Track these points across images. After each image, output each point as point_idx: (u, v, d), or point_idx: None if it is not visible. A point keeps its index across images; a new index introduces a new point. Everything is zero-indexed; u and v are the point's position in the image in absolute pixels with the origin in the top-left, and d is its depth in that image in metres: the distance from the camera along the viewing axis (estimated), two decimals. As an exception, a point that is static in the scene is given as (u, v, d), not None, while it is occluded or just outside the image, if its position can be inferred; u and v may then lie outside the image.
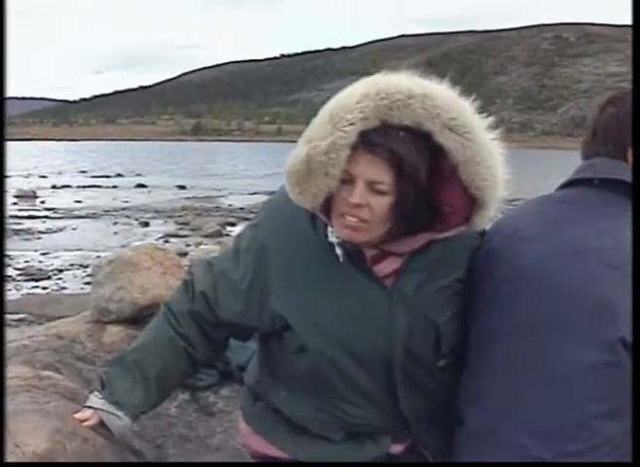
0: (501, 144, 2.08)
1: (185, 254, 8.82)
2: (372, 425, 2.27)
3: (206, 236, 16.50)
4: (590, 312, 1.99)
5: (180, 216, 20.93)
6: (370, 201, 1.99)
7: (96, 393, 2.37)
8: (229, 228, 18.52)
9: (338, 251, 2.12)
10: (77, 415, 2.36)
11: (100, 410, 2.33)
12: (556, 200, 2.25)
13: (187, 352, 2.33)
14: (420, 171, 1.98)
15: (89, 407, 2.36)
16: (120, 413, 2.31)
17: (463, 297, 2.24)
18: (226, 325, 2.33)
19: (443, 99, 1.97)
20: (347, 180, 1.99)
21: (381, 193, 1.99)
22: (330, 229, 2.11)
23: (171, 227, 18.98)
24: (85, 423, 2.33)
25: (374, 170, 1.97)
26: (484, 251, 2.26)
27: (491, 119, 2.06)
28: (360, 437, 2.29)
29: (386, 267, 2.16)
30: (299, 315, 2.19)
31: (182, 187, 32.46)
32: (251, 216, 20.32)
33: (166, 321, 2.35)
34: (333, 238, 2.12)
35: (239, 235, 2.37)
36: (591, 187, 2.16)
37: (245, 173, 41.51)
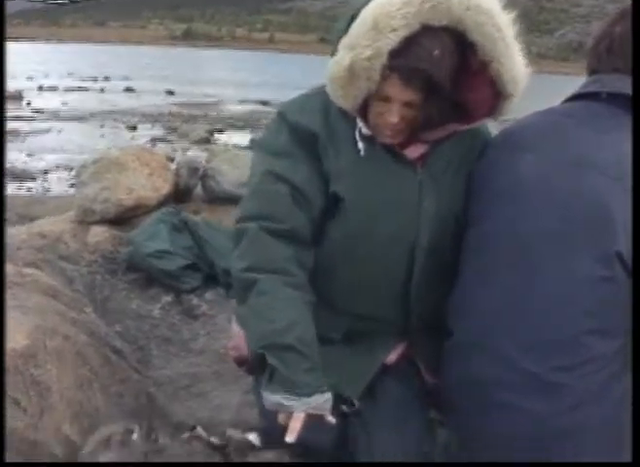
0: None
1: (172, 159, 8.71)
2: (375, 319, 2.29)
3: (194, 142, 16.33)
4: (590, 224, 1.95)
5: (168, 121, 20.70)
6: (405, 115, 2.09)
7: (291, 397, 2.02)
8: (216, 135, 18.31)
9: (360, 145, 2.18)
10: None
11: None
12: (561, 113, 2.20)
13: (309, 303, 2.15)
14: (448, 81, 2.06)
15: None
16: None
17: None
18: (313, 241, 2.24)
19: None
20: (383, 97, 2.08)
21: (415, 106, 2.09)
22: (359, 122, 2.16)
23: (159, 132, 18.77)
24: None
25: (409, 93, 2.05)
26: (485, 160, 2.23)
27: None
28: (357, 341, 2.31)
29: (413, 151, 2.21)
30: (344, 184, 2.18)
31: (171, 92, 32.03)
32: (239, 124, 20.20)
33: (281, 284, 2.10)
34: (362, 131, 2.17)
35: (267, 145, 2.28)
36: (598, 101, 2.10)
37: (235, 81, 40.94)
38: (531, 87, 2.14)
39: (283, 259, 2.11)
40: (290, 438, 1.93)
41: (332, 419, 2.02)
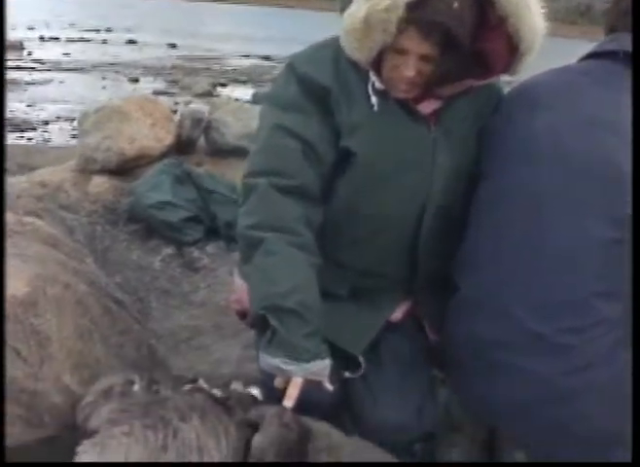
0: None
1: (175, 111, 8.64)
2: (381, 276, 2.28)
3: (196, 96, 16.18)
4: (603, 186, 1.94)
5: (170, 74, 20.50)
6: (420, 68, 2.05)
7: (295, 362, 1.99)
8: (219, 88, 18.15)
9: (374, 100, 2.12)
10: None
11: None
12: (577, 71, 2.18)
13: (315, 264, 2.10)
14: (467, 36, 2.01)
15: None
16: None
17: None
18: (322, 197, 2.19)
19: None
20: (399, 50, 2.03)
21: (432, 60, 2.04)
22: (372, 76, 2.11)
23: (160, 85, 18.60)
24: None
25: (426, 46, 2.01)
26: (500, 115, 2.20)
27: None
28: (363, 297, 2.30)
29: (426, 107, 2.18)
30: (356, 138, 2.14)
31: (173, 45, 31.74)
32: (242, 78, 20.03)
33: (287, 244, 2.04)
34: (376, 85, 2.12)
35: (275, 98, 2.23)
36: (614, 60, 2.08)
37: (239, 36, 40.58)
38: (541, 49, 2.12)
39: (292, 218, 2.06)
40: (288, 404, 1.92)
41: (329, 386, 2.01)
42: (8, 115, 13.22)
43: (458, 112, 2.19)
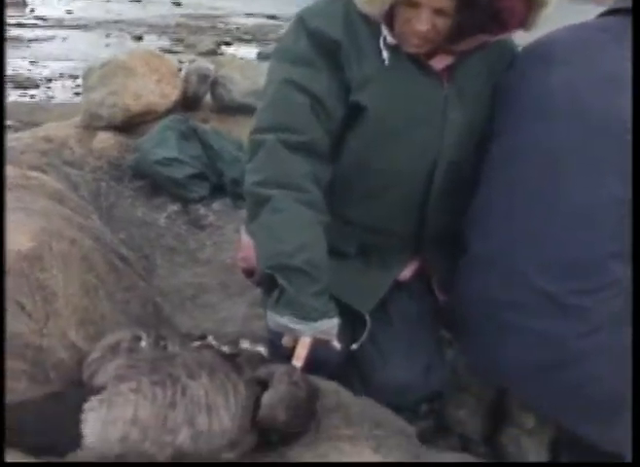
0: None
1: (179, 70, 8.56)
2: (389, 233, 2.27)
3: (200, 54, 16.05)
4: (618, 144, 1.90)
5: (174, 33, 20.36)
6: (435, 23, 2.01)
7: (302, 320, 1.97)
8: (223, 47, 18.03)
9: (385, 54, 2.08)
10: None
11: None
12: (595, 27, 2.15)
13: (322, 222, 2.07)
14: None
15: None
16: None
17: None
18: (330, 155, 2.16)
19: None
20: (412, 2, 1.98)
21: (446, 14, 1.99)
22: (383, 30, 2.07)
23: (165, 43, 18.47)
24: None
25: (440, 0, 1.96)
26: (515, 72, 2.17)
27: None
28: (371, 255, 2.30)
29: (438, 62, 2.14)
30: (367, 92, 2.11)
31: (177, 3, 31.46)
32: (247, 37, 19.88)
33: (295, 201, 2.00)
34: (387, 39, 2.07)
35: (284, 52, 2.18)
36: (631, 17, 2.02)
37: (244, -6, 40.36)
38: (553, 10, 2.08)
39: (300, 175, 2.02)
40: (297, 363, 1.91)
41: (337, 345, 2.00)
42: (10, 72, 13.16)
43: (471, 68, 2.15)
